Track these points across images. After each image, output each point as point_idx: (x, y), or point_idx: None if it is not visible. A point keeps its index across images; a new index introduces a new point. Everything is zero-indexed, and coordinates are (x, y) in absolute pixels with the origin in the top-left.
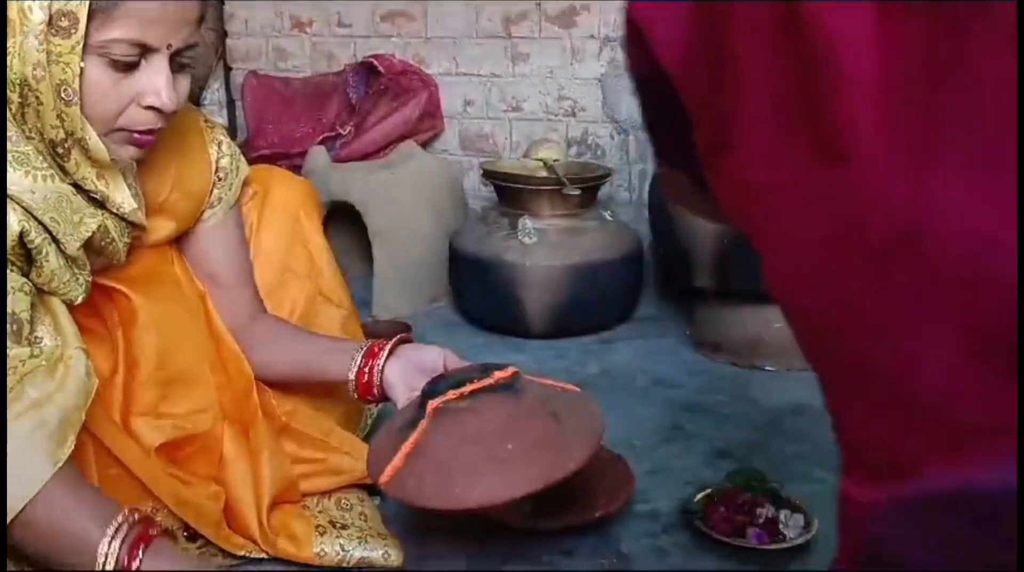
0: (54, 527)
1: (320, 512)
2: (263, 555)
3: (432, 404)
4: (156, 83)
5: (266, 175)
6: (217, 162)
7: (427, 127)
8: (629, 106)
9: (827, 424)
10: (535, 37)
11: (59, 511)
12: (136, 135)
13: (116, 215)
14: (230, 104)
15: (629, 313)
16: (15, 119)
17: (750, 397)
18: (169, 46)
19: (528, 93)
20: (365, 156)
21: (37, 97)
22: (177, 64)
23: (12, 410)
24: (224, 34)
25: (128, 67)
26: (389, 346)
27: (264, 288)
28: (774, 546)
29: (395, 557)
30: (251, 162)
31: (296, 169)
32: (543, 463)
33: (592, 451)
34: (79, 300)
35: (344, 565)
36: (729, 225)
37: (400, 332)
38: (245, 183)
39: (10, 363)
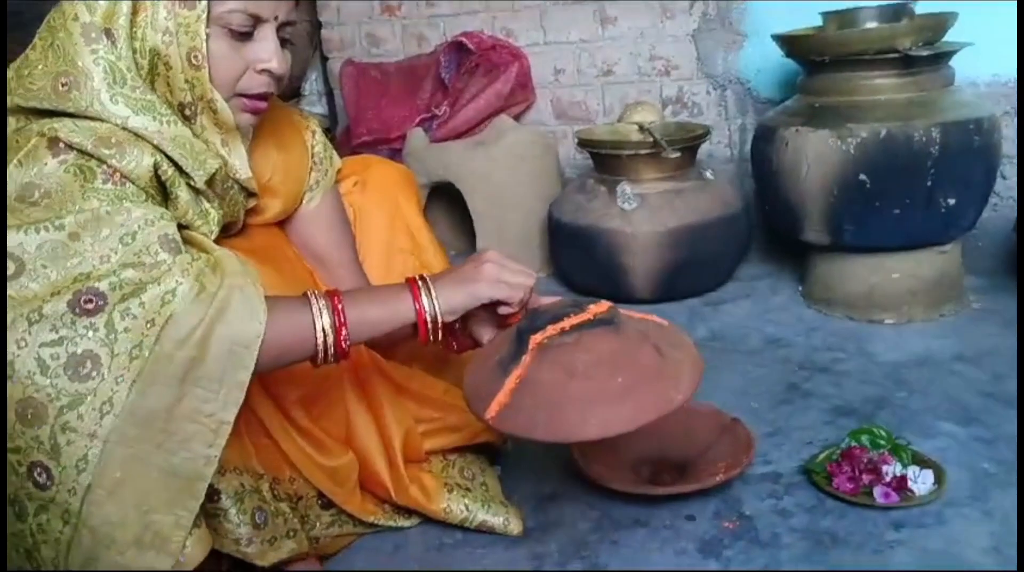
0: (280, 339)
1: (446, 477)
2: (391, 522)
3: (535, 339)
4: (268, 49)
5: (364, 164)
6: (312, 148)
7: (520, 99)
8: (725, 60)
9: (953, 376)
10: None
11: (277, 322)
12: (250, 102)
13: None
14: (328, 94)
15: (736, 272)
16: (145, 82)
17: (869, 352)
18: (276, 18)
19: (619, 56)
20: (461, 134)
21: (166, 63)
22: (280, 38)
23: (208, 295)
24: (318, 25)
25: (243, 36)
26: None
27: (373, 266)
28: (904, 504)
29: (514, 526)
30: (353, 149)
31: (396, 152)
32: (654, 395)
33: (698, 383)
34: (212, 235)
35: (466, 525)
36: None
37: None
38: (343, 175)
39: (180, 266)
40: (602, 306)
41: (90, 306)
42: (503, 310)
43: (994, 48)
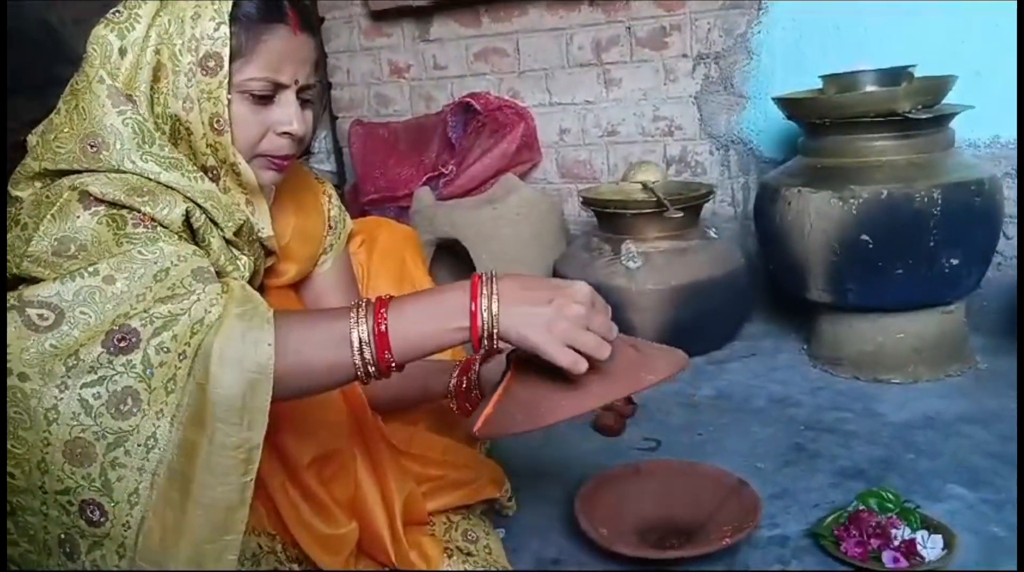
0: (303, 353)
1: (448, 541)
2: None
3: (515, 357)
4: (288, 113)
5: (372, 225)
6: (328, 212)
7: (525, 159)
8: (727, 121)
9: (961, 437)
10: (627, 61)
11: (298, 339)
12: (274, 160)
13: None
14: (337, 152)
15: (740, 331)
16: (169, 144)
17: (876, 412)
18: (296, 82)
19: (623, 116)
20: (467, 192)
21: (187, 128)
22: (301, 100)
23: (217, 324)
24: (328, 86)
25: (264, 100)
26: (480, 355)
27: None
28: (914, 570)
29: None
30: (361, 206)
31: (403, 210)
32: (626, 377)
33: (676, 368)
34: (243, 280)
35: None
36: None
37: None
38: (352, 234)
39: (209, 295)
40: None
41: (124, 344)
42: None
43: (994, 110)
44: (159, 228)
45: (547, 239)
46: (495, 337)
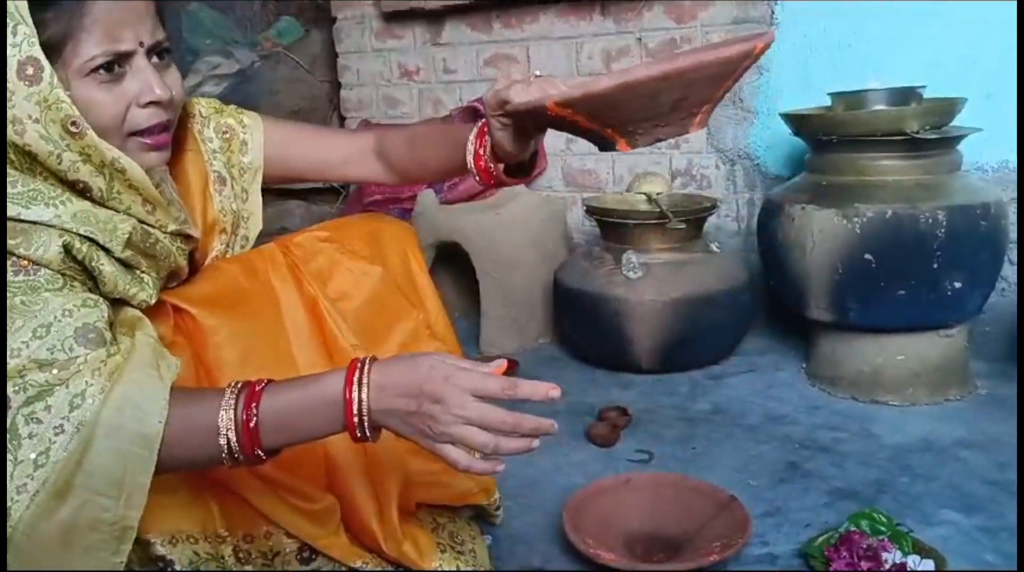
0: (185, 436)
1: (437, 539)
2: (379, 568)
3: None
4: (144, 80)
5: (373, 221)
6: (205, 142)
7: None
8: (735, 136)
9: (958, 462)
10: None
11: (182, 421)
12: (148, 141)
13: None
14: None
15: (739, 346)
16: (36, 176)
17: (872, 434)
18: (141, 43)
19: None
20: (471, 197)
21: (29, 152)
22: (157, 58)
23: (114, 395)
24: (338, 85)
25: (113, 76)
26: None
27: (375, 322)
28: None
29: None
30: (364, 206)
31: (406, 213)
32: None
33: (755, 43)
34: (152, 300)
35: None
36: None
37: (508, 369)
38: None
39: (92, 365)
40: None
41: None
42: None
43: (1003, 134)
44: (41, 271)
45: (549, 246)
46: (366, 419)
